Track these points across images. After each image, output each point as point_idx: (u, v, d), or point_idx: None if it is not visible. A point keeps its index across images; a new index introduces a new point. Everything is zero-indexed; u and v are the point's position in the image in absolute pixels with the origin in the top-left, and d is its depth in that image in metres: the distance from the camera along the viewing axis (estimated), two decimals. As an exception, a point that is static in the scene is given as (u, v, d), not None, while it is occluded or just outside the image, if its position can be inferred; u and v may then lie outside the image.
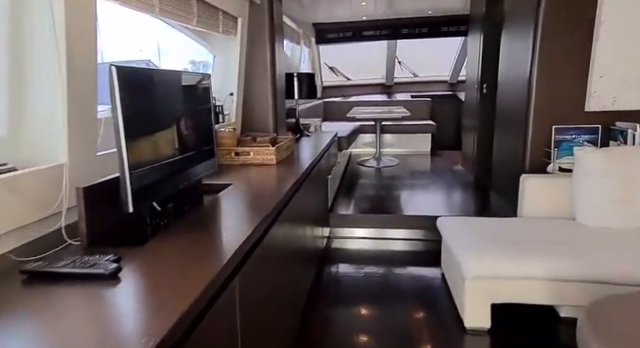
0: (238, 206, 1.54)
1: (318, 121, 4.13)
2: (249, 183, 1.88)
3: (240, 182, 1.84)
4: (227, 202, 1.57)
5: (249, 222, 1.29)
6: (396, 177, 4.60)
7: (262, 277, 1.37)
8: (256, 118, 2.70)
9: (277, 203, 1.53)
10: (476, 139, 4.17)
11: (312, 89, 3.47)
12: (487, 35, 3.92)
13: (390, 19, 5.65)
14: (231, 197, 1.62)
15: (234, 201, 1.59)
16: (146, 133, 1.17)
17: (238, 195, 1.67)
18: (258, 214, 1.38)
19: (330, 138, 3.41)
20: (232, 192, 1.68)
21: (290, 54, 4.79)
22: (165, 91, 1.28)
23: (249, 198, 1.66)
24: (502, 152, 3.34)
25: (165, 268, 0.96)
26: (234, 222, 1.38)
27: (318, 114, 5.91)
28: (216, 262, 0.98)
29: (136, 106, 1.11)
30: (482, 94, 4.05)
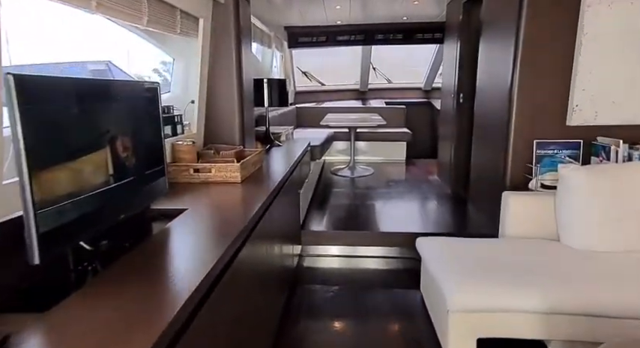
0: (195, 236, 1.31)
1: (290, 129, 3.92)
2: (210, 205, 1.65)
3: (199, 205, 1.60)
4: (181, 231, 1.33)
5: (208, 255, 1.07)
6: (371, 188, 4.44)
7: (227, 310, 1.15)
8: (221, 129, 2.46)
9: (241, 232, 1.31)
10: (453, 149, 4.06)
11: (283, 96, 3.26)
12: (464, 44, 3.83)
13: (364, 25, 5.51)
14: (187, 225, 1.38)
15: (191, 229, 1.36)
16: (63, 159, 0.93)
17: (196, 222, 1.44)
18: (219, 244, 1.16)
19: (303, 148, 3.21)
20: (189, 218, 1.44)
21: (260, 58, 4.56)
22: (93, 105, 1.04)
23: (209, 225, 1.43)
24: (480, 165, 3.23)
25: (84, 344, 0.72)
26: (187, 258, 1.15)
27: (290, 121, 5.69)
28: (161, 318, 0.75)
29: (47, 125, 0.87)
30: (459, 104, 3.95)
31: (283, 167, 2.50)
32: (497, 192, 2.72)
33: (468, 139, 3.89)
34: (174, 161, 2.00)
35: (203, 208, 1.59)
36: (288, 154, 3.02)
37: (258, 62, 4.50)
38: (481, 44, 3.24)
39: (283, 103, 3.26)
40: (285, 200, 2.36)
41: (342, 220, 3.38)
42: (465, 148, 3.93)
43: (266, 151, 3.07)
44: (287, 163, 2.67)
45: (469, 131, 3.87)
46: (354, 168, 5.11)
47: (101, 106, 1.07)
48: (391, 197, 4.07)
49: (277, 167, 2.57)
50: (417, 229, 3.10)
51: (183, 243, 1.26)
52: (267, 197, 1.77)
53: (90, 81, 1.15)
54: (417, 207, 3.85)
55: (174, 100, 2.40)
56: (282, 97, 3.25)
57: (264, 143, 3.21)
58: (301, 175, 3.15)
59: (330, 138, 5.29)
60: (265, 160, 2.71)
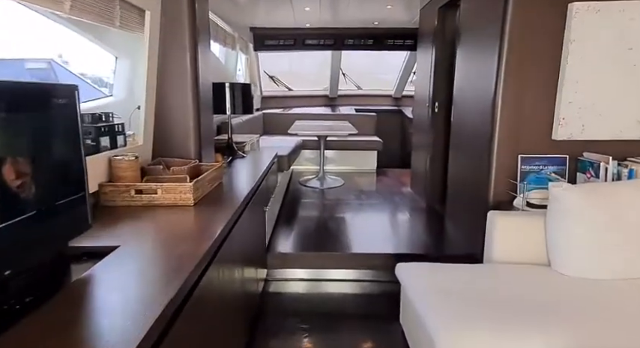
0: (133, 277, 1.00)
1: (255, 138, 3.61)
2: (152, 239, 1.32)
3: (136, 239, 1.28)
4: (108, 279, 1.01)
5: (148, 304, 0.78)
6: (342, 201, 4.19)
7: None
8: (173, 140, 2.12)
9: (192, 271, 1.01)
10: (427, 160, 3.88)
11: (248, 102, 2.95)
12: (439, 51, 3.67)
13: (334, 29, 5.29)
14: (118, 268, 1.06)
15: (128, 269, 1.04)
16: None
17: (134, 258, 1.12)
18: (163, 286, 0.89)
19: (270, 160, 2.91)
20: (121, 258, 1.12)
21: (224, 60, 4.23)
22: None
23: (150, 262, 1.13)
24: (459, 178, 3.04)
25: None
26: (122, 309, 0.84)
27: (256, 128, 5.37)
28: None
29: None
30: (434, 113, 3.78)
31: (247, 183, 2.20)
32: (478, 209, 2.53)
33: (444, 150, 3.73)
34: (112, 180, 1.66)
35: (142, 243, 1.27)
36: (253, 167, 2.72)
37: (221, 65, 4.16)
38: (458, 52, 3.08)
39: (247, 109, 2.95)
40: (249, 221, 2.06)
41: (311, 239, 3.10)
42: (440, 160, 3.76)
43: (228, 163, 2.76)
44: (252, 177, 2.37)
45: (445, 142, 3.71)
46: (323, 178, 4.86)
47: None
48: (363, 211, 3.84)
49: (240, 183, 2.27)
50: (392, 249, 2.86)
51: (113, 293, 0.94)
52: (227, 222, 1.48)
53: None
54: (391, 223, 3.62)
55: (116, 106, 2.04)
56: (247, 103, 2.94)
57: (226, 155, 2.89)
58: (268, 190, 2.85)
59: (299, 146, 5.02)
60: (227, 174, 2.40)
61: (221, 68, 4.14)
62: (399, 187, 4.72)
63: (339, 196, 4.36)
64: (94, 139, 1.60)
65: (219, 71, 4.06)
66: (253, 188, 2.11)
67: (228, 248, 1.53)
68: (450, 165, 3.22)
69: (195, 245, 1.22)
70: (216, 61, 3.84)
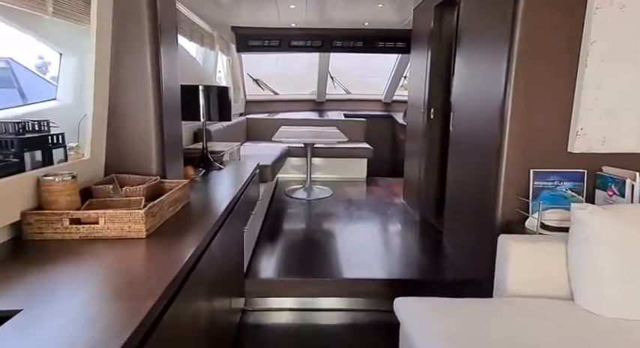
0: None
1: (236, 146, 3.28)
2: (73, 295, 0.99)
3: (51, 296, 0.95)
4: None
5: None
6: (331, 215, 3.88)
7: None
8: (131, 152, 1.79)
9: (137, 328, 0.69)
10: (422, 170, 3.60)
11: (225, 108, 2.62)
12: (435, 53, 3.40)
13: (322, 29, 5.00)
14: (37, 327, 0.73)
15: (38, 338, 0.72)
16: None
17: (49, 320, 0.79)
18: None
19: (250, 171, 2.59)
20: (15, 334, 0.79)
21: (202, 61, 3.89)
22: None
23: (79, 323, 0.80)
24: (459, 192, 2.76)
25: None
26: None
27: (239, 135, 5.03)
28: None
29: None
30: (429, 119, 3.50)
31: (222, 201, 1.88)
32: (482, 228, 2.26)
33: (440, 159, 3.46)
34: (41, 206, 1.32)
35: (61, 299, 0.93)
36: (230, 181, 2.40)
37: (198, 66, 3.83)
38: (458, 54, 2.80)
39: (225, 116, 2.62)
40: (223, 247, 1.74)
41: (296, 262, 2.78)
42: (436, 169, 3.49)
43: (203, 176, 2.43)
44: (228, 193, 2.05)
45: (442, 150, 3.44)
46: (310, 189, 4.54)
47: None
48: (354, 226, 3.53)
49: (213, 202, 1.94)
50: (387, 273, 2.57)
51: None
52: (191, 256, 1.17)
53: None
54: (385, 240, 3.32)
55: (61, 112, 1.71)
56: (224, 108, 2.61)
57: (200, 167, 2.56)
58: (247, 206, 2.52)
59: (284, 154, 4.70)
60: (199, 190, 2.07)
61: (198, 70, 3.81)
62: (390, 198, 4.43)
63: (327, 208, 4.05)
64: (15, 154, 1.26)
65: (196, 73, 3.72)
66: (229, 207, 1.79)
67: (194, 282, 1.21)
68: (449, 176, 2.94)
69: (136, 302, 0.90)
70: (191, 61, 3.51)
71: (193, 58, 3.57)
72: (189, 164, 2.55)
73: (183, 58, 3.30)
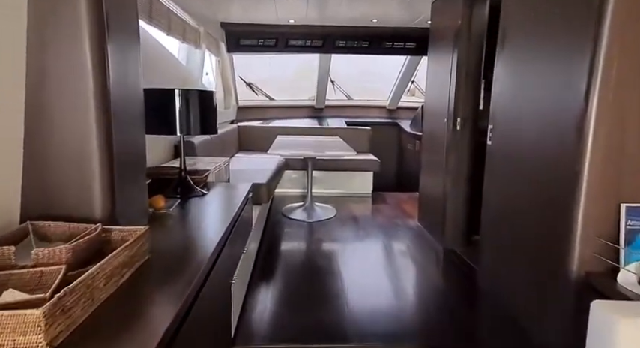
0: None
1: (224, 163, 2.71)
2: None
3: None
4: None
5: None
6: (336, 243, 3.30)
7: None
8: (62, 185, 1.21)
9: None
10: (446, 188, 3.05)
11: (208, 117, 2.04)
12: (463, 55, 2.86)
13: (323, 27, 4.45)
14: None
15: None
16: None
17: None
18: None
19: (242, 199, 2.02)
20: None
21: (185, 60, 3.32)
22: None
23: None
24: (506, 222, 2.20)
25: None
26: None
27: (230, 145, 4.45)
28: None
29: None
30: (454, 130, 2.95)
31: (201, 250, 1.31)
32: (547, 278, 1.71)
33: (471, 177, 2.92)
34: None
35: None
36: (215, 213, 1.83)
37: (180, 66, 3.25)
38: (500, 57, 2.26)
39: (208, 127, 2.05)
40: (201, 318, 1.16)
41: (297, 318, 2.17)
42: (466, 189, 2.95)
43: (180, 205, 1.85)
44: (211, 235, 1.47)
45: (473, 166, 2.90)
46: (311, 208, 3.97)
47: None
48: (364, 261, 2.95)
49: (189, 251, 1.36)
50: (416, 334, 1.99)
51: None
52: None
53: None
54: (406, 281, 2.70)
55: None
56: (207, 118, 2.03)
57: (176, 194, 1.98)
58: (237, 247, 1.94)
59: (281, 168, 4.13)
60: (169, 232, 1.50)
61: (181, 71, 3.24)
62: (403, 219, 3.86)
63: (331, 233, 3.47)
64: None
65: (178, 74, 3.15)
66: (211, 258, 1.23)
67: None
68: (486, 198, 2.39)
69: None
70: (170, 60, 2.94)
71: (173, 57, 3.00)
72: (159, 192, 1.97)
73: (160, 57, 2.73)
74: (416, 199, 4.63)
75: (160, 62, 2.74)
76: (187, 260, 1.22)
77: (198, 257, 1.23)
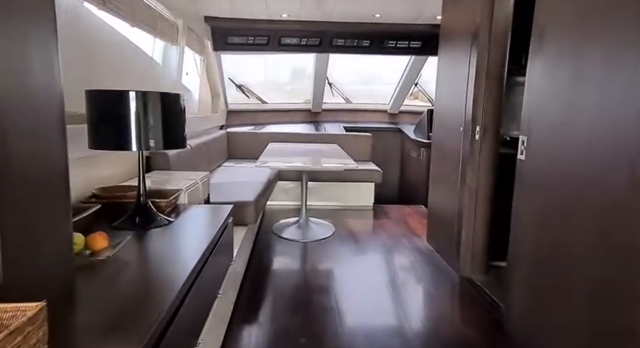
0: None
1: (201, 179, 2.28)
2: None
3: None
4: None
5: None
6: (335, 267, 2.88)
7: None
8: None
9: None
10: (463, 206, 2.63)
11: (175, 128, 1.62)
12: (483, 56, 2.45)
13: (320, 23, 4.03)
14: None
15: None
16: None
17: None
18: None
19: (218, 228, 1.61)
20: None
21: (161, 59, 2.89)
22: None
23: None
24: (547, 257, 1.77)
25: None
26: None
27: (218, 153, 4.02)
28: None
29: None
30: (473, 139, 2.54)
31: (149, 311, 0.89)
32: (619, 343, 1.29)
33: (493, 194, 2.51)
34: None
35: None
36: (180, 249, 1.43)
37: (154, 65, 2.82)
38: (539, 57, 1.84)
39: (174, 140, 1.62)
40: None
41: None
42: (488, 209, 2.54)
43: (136, 238, 1.43)
44: (168, 287, 1.06)
45: (496, 182, 2.49)
46: (306, 225, 3.54)
47: None
48: (366, 293, 2.51)
49: (127, 320, 0.92)
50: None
51: None
52: None
53: None
54: (414, 320, 2.25)
55: None
56: (173, 128, 1.60)
57: (132, 225, 1.55)
58: (208, 293, 1.51)
59: (273, 179, 3.70)
60: (103, 288, 1.08)
61: (157, 69, 2.81)
62: (409, 238, 3.44)
63: (328, 255, 3.04)
64: None
65: (152, 74, 2.73)
66: (156, 332, 0.80)
67: None
68: (518, 224, 1.97)
69: None
70: (139, 58, 2.51)
71: (144, 54, 2.57)
72: (110, 222, 1.55)
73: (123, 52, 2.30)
74: (421, 213, 4.23)
75: (126, 60, 2.32)
76: (125, 335, 0.79)
77: (144, 325, 0.81)
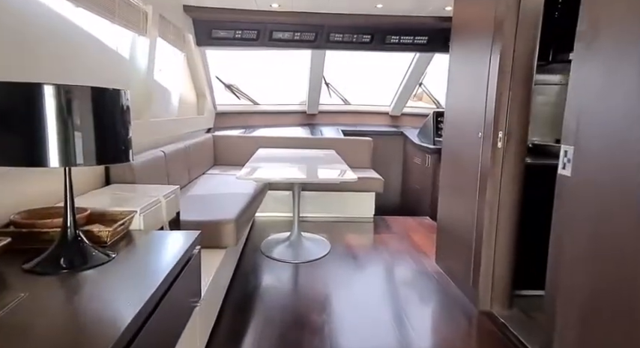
0: None
1: (166, 196, 1.87)
2: None
3: None
4: None
5: None
6: (332, 291, 2.47)
7: None
8: None
9: None
10: (483, 225, 2.22)
11: (112, 137, 1.20)
12: (507, 54, 2.04)
13: (316, 16, 3.63)
14: None
15: None
16: None
17: None
18: None
19: (176, 262, 1.21)
20: None
21: (128, 52, 2.47)
22: None
23: None
24: (610, 299, 1.37)
25: None
26: None
27: (202, 159, 3.61)
28: None
29: None
30: (494, 147, 2.13)
31: None
32: None
33: (522, 212, 2.11)
34: None
35: None
36: (117, 297, 1.02)
37: (120, 59, 2.40)
38: (590, 54, 1.43)
39: (109, 154, 1.20)
40: None
41: None
42: (514, 229, 2.13)
43: (62, 283, 1.03)
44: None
45: (526, 199, 2.09)
46: (298, 243, 3.13)
47: None
48: (369, 325, 2.10)
49: None
50: None
51: None
52: None
53: None
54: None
55: None
56: (108, 137, 1.19)
57: (57, 267, 1.15)
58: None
59: (262, 189, 3.29)
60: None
61: (123, 65, 2.40)
62: (416, 258, 3.03)
63: (323, 280, 2.62)
64: None
65: (113, 68, 2.31)
66: None
67: None
68: (560, 251, 1.56)
69: None
70: (97, 49, 2.09)
71: (103, 45, 2.15)
72: (16, 267, 1.14)
73: (70, 43, 1.89)
74: (427, 226, 3.82)
75: (76, 50, 1.90)
76: None
77: None
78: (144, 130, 2.57)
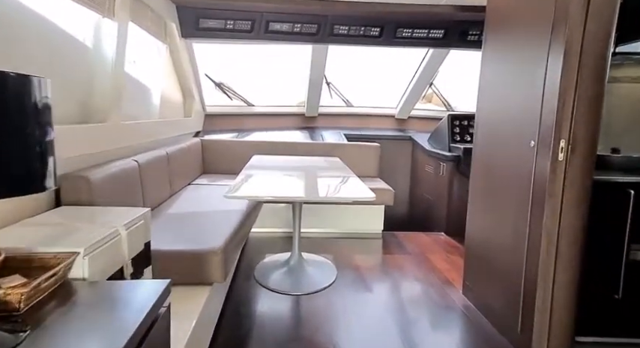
0: None
1: (129, 222, 1.39)
2: None
3: None
4: None
5: None
6: (336, 338, 2.00)
7: None
8: None
9: None
10: (538, 256, 1.77)
11: (12, 152, 0.74)
12: (573, 51, 1.60)
13: (317, 3, 3.17)
14: None
15: None
16: None
17: None
18: None
19: (131, 335, 0.72)
20: None
21: (91, 41, 1.99)
22: None
23: None
24: None
25: None
26: None
27: (190, 167, 3.12)
28: None
29: None
30: (555, 159, 1.69)
31: None
32: None
33: (588, 240, 1.67)
34: None
35: None
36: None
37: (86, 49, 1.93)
38: None
39: (10, 179, 0.74)
40: None
41: None
42: (578, 262, 1.68)
43: None
44: None
45: (592, 223, 1.65)
46: (299, 268, 2.65)
47: None
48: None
49: None
50: None
51: None
52: None
53: None
54: None
55: None
56: (8, 152, 0.73)
57: None
58: None
59: (253, 208, 2.82)
60: None
61: (83, 53, 1.92)
62: (438, 288, 2.56)
63: (329, 318, 2.15)
64: None
65: (72, 57, 1.84)
66: None
67: None
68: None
69: None
70: (51, 34, 1.61)
71: (56, 27, 1.67)
72: None
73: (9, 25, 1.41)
74: (443, 245, 3.38)
75: (17, 31, 1.43)
76: None
77: None
78: (110, 135, 2.08)
